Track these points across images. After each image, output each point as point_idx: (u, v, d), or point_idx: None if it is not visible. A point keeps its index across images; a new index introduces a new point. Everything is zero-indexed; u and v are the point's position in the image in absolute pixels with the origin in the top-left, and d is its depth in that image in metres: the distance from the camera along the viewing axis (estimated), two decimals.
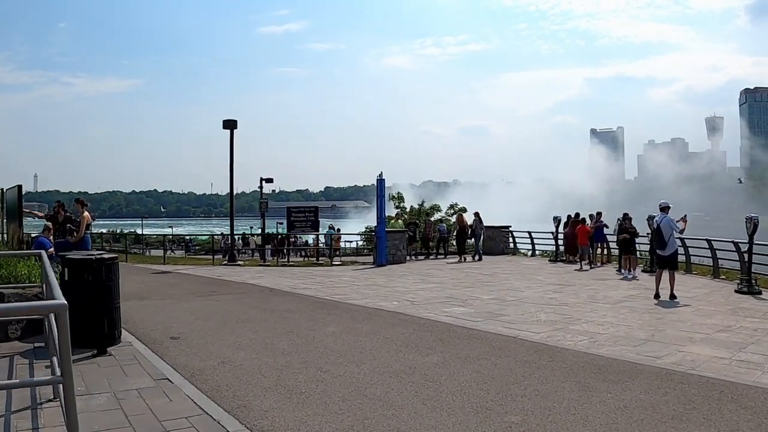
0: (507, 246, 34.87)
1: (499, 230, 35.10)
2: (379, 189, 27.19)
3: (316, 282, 19.86)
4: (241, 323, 12.17)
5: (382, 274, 22.99)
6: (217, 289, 17.71)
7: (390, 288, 18.18)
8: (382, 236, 27.12)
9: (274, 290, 17.57)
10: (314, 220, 28.97)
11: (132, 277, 21.00)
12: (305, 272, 23.58)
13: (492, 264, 27.57)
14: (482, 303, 15.10)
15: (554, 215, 30.23)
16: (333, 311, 13.69)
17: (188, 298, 15.99)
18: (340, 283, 19.46)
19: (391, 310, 13.80)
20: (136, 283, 19.24)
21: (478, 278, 21.18)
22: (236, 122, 26.80)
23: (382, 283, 19.67)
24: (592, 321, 12.60)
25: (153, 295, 16.51)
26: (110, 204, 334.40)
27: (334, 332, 11.22)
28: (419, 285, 19.07)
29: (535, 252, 33.20)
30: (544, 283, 19.79)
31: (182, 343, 10.38)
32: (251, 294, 16.79)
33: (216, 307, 14.24)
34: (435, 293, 16.97)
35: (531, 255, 33.00)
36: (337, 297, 16.02)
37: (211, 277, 21.27)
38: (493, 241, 34.44)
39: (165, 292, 17.19)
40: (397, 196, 49.00)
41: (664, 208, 16.59)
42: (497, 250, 33.91)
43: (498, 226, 35.63)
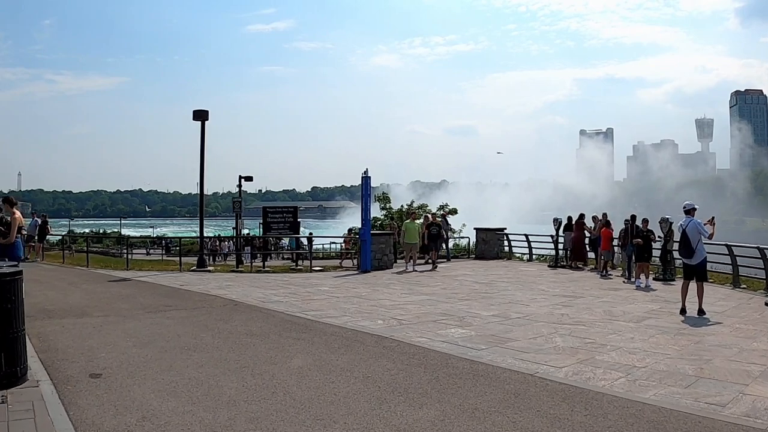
0: (502, 250, 32.57)
1: (494, 233, 32.80)
2: (365, 188, 24.76)
3: (291, 293, 17.45)
4: (186, 352, 9.72)
5: (366, 282, 20.62)
6: (173, 303, 15.24)
7: (374, 301, 15.78)
8: (367, 240, 24.70)
9: (239, 304, 15.11)
10: (293, 221, 26.44)
11: (84, 286, 18.91)
12: (280, 280, 21.18)
13: (487, 270, 25.29)
14: (483, 322, 12.76)
15: (554, 217, 28.16)
16: (304, 334, 11.24)
17: (136, 314, 13.50)
18: (318, 295, 17.05)
19: (375, 333, 11.37)
20: (84, 293, 17.06)
21: (473, 288, 18.88)
22: (207, 113, 24.36)
23: (366, 294, 17.29)
24: (621, 347, 10.36)
25: (96, 310, 14.05)
26: (94, 203, 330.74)
27: (300, 368, 8.77)
28: (407, 297, 16.72)
29: (532, 257, 30.93)
30: (550, 294, 17.58)
31: (103, 383, 7.98)
32: (211, 309, 14.32)
33: (163, 329, 11.77)
34: (426, 308, 14.62)
35: (528, 260, 30.73)
36: (311, 314, 13.58)
37: (172, 286, 18.78)
38: (487, 244, 32.25)
39: (112, 306, 14.70)
40: (382, 197, 46.82)
41: (689, 210, 14.37)
42: (491, 254, 31.71)
43: (492, 228, 33.37)
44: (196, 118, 24.15)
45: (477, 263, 29.02)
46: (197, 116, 24.15)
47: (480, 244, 32.92)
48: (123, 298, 16.14)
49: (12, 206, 13.83)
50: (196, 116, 24.15)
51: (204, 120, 24.23)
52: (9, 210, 13.76)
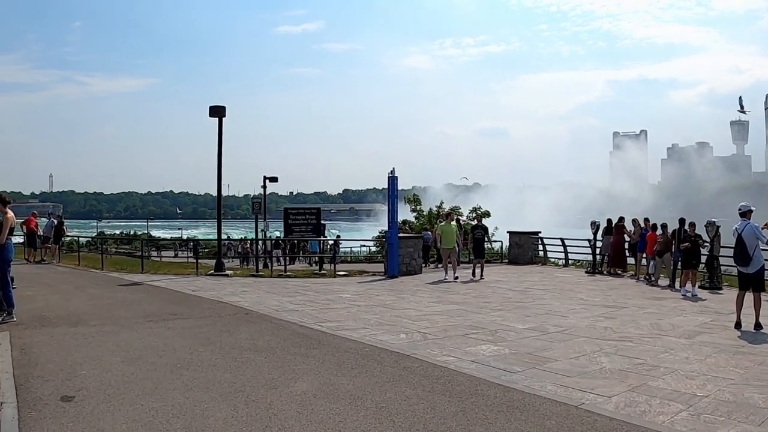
0: (536, 254, 31.13)
1: (528, 237, 31.35)
2: (391, 188, 23.44)
3: (309, 300, 16.20)
4: (178, 371, 8.48)
5: (391, 288, 19.34)
6: (179, 311, 14.04)
7: (398, 311, 14.46)
8: (394, 243, 23.39)
9: (250, 313, 13.85)
10: (316, 223, 25.17)
11: (91, 290, 17.87)
12: (301, 286, 19.94)
13: (521, 275, 23.90)
14: (518, 337, 11.40)
15: (592, 220, 26.62)
16: (314, 350, 9.94)
17: (135, 323, 12.32)
18: (338, 303, 15.79)
19: (395, 350, 10.02)
20: (88, 299, 15.99)
21: (507, 296, 17.55)
22: (224, 109, 23.14)
23: (390, 302, 15.99)
24: (676, 370, 8.95)
25: (94, 318, 12.91)
26: (125, 205, 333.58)
27: (303, 393, 7.47)
28: (435, 306, 15.40)
29: (568, 262, 29.45)
30: (589, 303, 16.19)
31: (72, 408, 6.82)
32: (218, 319, 13.08)
33: (160, 341, 10.55)
34: (455, 320, 13.28)
35: (564, 265, 29.26)
36: (326, 325, 12.27)
37: (183, 292, 17.60)
38: (520, 248, 30.86)
39: (112, 313, 13.55)
40: (413, 198, 45.52)
41: (745, 212, 12.92)
42: (525, 259, 30.33)
43: (526, 232, 31.92)
44: (213, 115, 22.98)
45: (510, 268, 27.64)
46: (214, 112, 22.98)
47: (513, 248, 31.55)
48: (127, 304, 15.01)
49: (5, 205, 12.68)
50: (213, 113, 22.98)
51: (221, 116, 23.05)
52: (1, 209, 12.62)
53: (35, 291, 17.43)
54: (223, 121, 22.99)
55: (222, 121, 23.09)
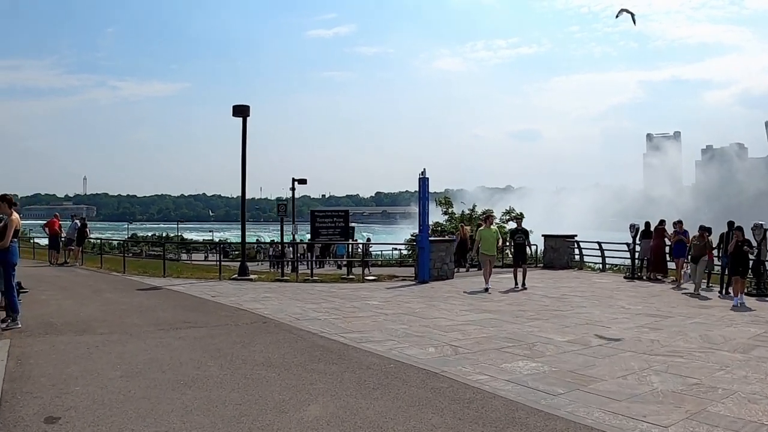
0: (572, 258, 29.94)
1: (564, 240, 30.16)
2: (422, 190, 22.48)
3: (333, 308, 15.28)
4: (180, 389, 7.62)
5: (422, 295, 18.37)
6: (194, 318, 13.22)
7: (428, 320, 13.48)
8: (425, 247, 22.41)
9: (269, 322, 12.97)
10: (344, 226, 24.24)
11: (107, 294, 17.23)
12: (326, 291, 19.04)
13: (557, 281, 22.83)
14: (557, 351, 10.39)
15: (631, 223, 25.47)
16: (333, 366, 9.02)
17: (145, 332, 11.52)
18: (364, 311, 14.86)
19: (423, 366, 9.06)
20: (101, 304, 15.30)
21: (544, 304, 16.49)
22: (248, 108, 22.28)
23: (419, 310, 15.01)
24: (736, 392, 7.95)
25: (103, 325, 12.17)
26: (158, 207, 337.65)
27: (316, 420, 6.55)
28: (467, 315, 14.39)
29: (605, 266, 28.28)
30: (632, 312, 15.10)
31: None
32: (234, 328, 12.22)
33: (167, 353, 9.71)
34: (489, 330, 12.28)
35: (601, 270, 28.09)
36: (350, 336, 11.35)
37: (201, 297, 16.82)
38: (556, 252, 29.67)
39: (123, 320, 12.81)
40: (444, 200, 44.51)
41: None
42: (561, 263, 29.14)
43: (562, 235, 30.73)
44: (237, 114, 22.15)
45: (545, 273, 26.52)
46: (238, 112, 22.15)
47: (548, 252, 30.37)
48: (141, 310, 14.24)
49: (10, 207, 11.95)
50: (237, 112, 22.14)
51: (245, 116, 22.20)
52: (5, 210, 11.88)
53: (50, 295, 16.81)
54: (251, 122, 22.24)
55: (246, 121, 22.28)
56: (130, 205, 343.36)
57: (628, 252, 25.60)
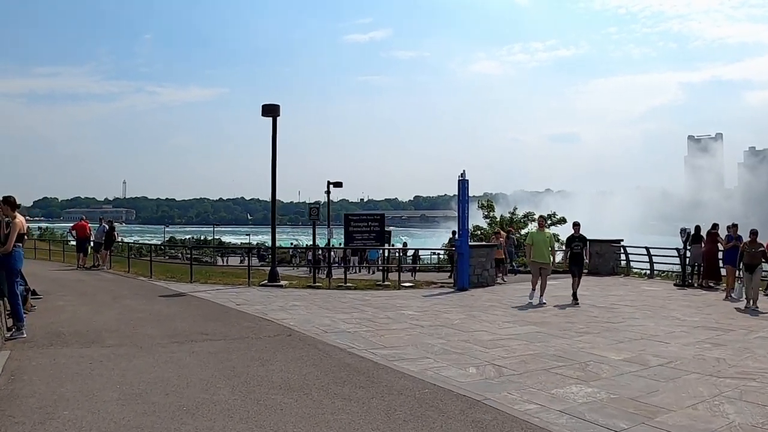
0: (618, 264, 28.50)
1: (609, 245, 28.72)
2: (461, 192, 21.28)
3: (366, 318, 14.15)
4: (180, 418, 6.57)
5: (461, 304, 17.20)
6: (213, 330, 12.16)
7: (467, 334, 12.26)
8: (465, 252, 21.20)
9: (294, 334, 11.86)
10: (379, 230, 23.07)
11: (127, 301, 16.36)
12: (359, 299, 17.94)
13: (604, 289, 21.50)
14: (614, 372, 9.14)
15: (681, 227, 24.00)
16: (359, 391, 7.86)
17: (158, 345, 10.52)
18: (398, 322, 13.70)
19: (462, 392, 7.86)
20: (119, 312, 14.41)
21: (592, 315, 15.23)
22: (278, 108, 21.28)
23: (458, 322, 13.80)
24: None
25: (114, 336, 11.26)
26: (197, 211, 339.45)
27: None
28: (511, 327, 13.18)
29: (654, 273, 26.79)
30: (689, 325, 13.79)
31: None
32: (254, 341, 11.12)
33: (176, 371, 8.66)
34: (535, 346, 11.05)
35: (648, 276, 26.62)
36: (381, 353, 10.20)
37: (226, 306, 15.79)
38: (601, 258, 28.23)
39: (137, 331, 11.83)
40: (486, 204, 43.18)
41: None
42: (607, 270, 27.75)
43: (608, 239, 29.28)
44: (266, 114, 21.11)
45: (590, 280, 25.09)
46: (267, 111, 21.10)
47: (593, 257, 28.85)
48: (158, 320, 13.27)
49: (13, 209, 11.05)
50: (266, 111, 21.10)
51: (275, 116, 21.16)
52: (9, 213, 10.98)
53: (68, 301, 16.05)
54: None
55: (276, 120, 21.25)
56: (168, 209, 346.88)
57: (678, 258, 24.16)
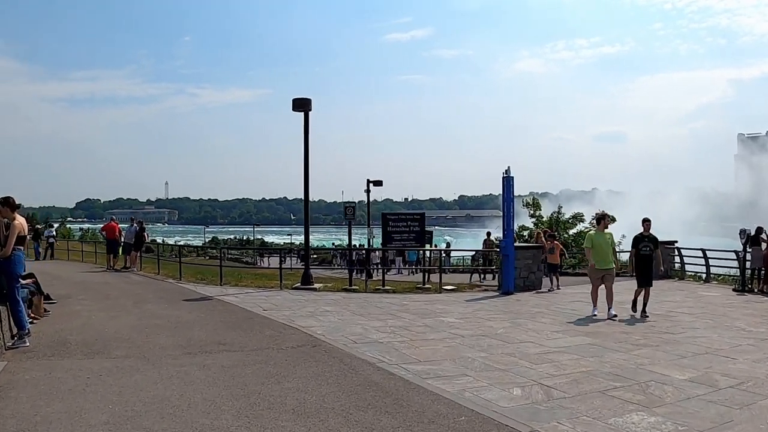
0: (672, 267, 26.93)
1: (663, 246, 27.10)
2: (506, 190, 20.01)
3: (401, 326, 12.97)
4: None
5: (505, 310, 15.97)
6: (232, 339, 11.09)
7: (512, 345, 11.02)
8: (510, 254, 19.93)
9: (319, 345, 10.74)
10: (419, 231, 21.84)
11: (148, 306, 15.50)
12: (397, 304, 16.76)
13: (659, 294, 19.91)
14: (679, 396, 7.83)
15: (741, 227, 22.43)
16: (386, 416, 6.70)
17: (165, 358, 9.50)
18: (436, 331, 12.47)
19: (506, 421, 6.65)
20: (136, 318, 13.49)
21: (649, 324, 13.93)
22: (310, 102, 20.18)
23: (503, 331, 12.55)
24: None
25: (123, 346, 10.33)
26: (240, 211, 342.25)
27: None
28: (560, 338, 11.90)
29: (709, 276, 25.20)
30: (756, 337, 12.32)
31: None
32: (274, 354, 10.01)
33: (178, 389, 7.61)
34: (588, 361, 9.79)
35: (704, 281, 25.04)
36: (414, 368, 9.01)
37: (251, 311, 14.71)
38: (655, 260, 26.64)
39: (149, 340, 10.87)
40: (532, 203, 41.66)
41: None
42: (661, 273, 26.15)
43: (661, 241, 27.66)
44: (297, 109, 19.93)
45: None
46: (298, 106, 19.93)
47: None
48: (176, 327, 12.30)
49: (13, 210, 10.14)
50: (297, 106, 19.93)
51: (306, 110, 20.01)
52: (8, 215, 10.07)
53: (86, 306, 15.24)
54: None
55: (308, 115, 20.10)
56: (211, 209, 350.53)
57: (737, 261, 22.59)
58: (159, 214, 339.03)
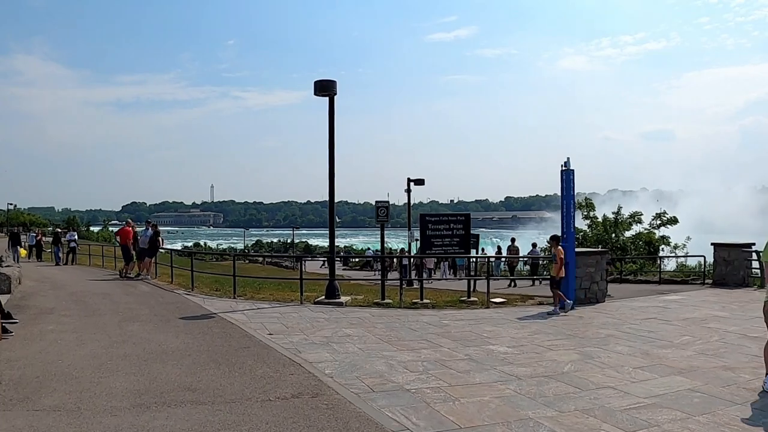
0: (749, 273, 23.60)
1: (740, 250, 23.83)
2: (566, 186, 16.98)
3: (438, 359, 10.10)
4: None
5: (568, 332, 13.02)
6: (209, 382, 8.28)
7: (587, 393, 8.05)
8: (571, 261, 16.91)
9: (323, 393, 7.85)
10: (463, 234, 18.76)
11: (134, 326, 12.92)
12: (435, 324, 13.92)
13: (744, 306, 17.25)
14: None
15: None
16: None
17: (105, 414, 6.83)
18: (483, 368, 9.50)
19: None
20: (108, 345, 10.89)
21: (749, 352, 10.88)
22: (334, 84, 17.19)
23: (570, 368, 9.56)
24: None
25: (60, 389, 7.75)
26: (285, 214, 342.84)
27: None
28: (649, 380, 8.83)
29: None
30: None
31: None
32: (258, 409, 7.15)
33: None
34: (698, 422, 6.86)
35: None
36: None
37: (252, 337, 11.83)
38: (729, 266, 23.46)
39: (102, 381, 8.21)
40: (585, 203, 38.46)
41: None
42: (736, 280, 22.98)
43: (737, 244, 24.41)
44: (320, 93, 16.89)
45: (720, 294, 20.46)
46: (321, 89, 16.89)
47: (720, 265, 24.09)
48: (146, 361, 9.56)
49: None
50: (320, 89, 16.88)
51: (332, 94, 17.09)
52: None
53: (62, 325, 12.90)
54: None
55: (333, 100, 17.23)
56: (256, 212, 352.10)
57: None
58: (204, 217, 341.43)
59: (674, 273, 29.54)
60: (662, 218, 37.37)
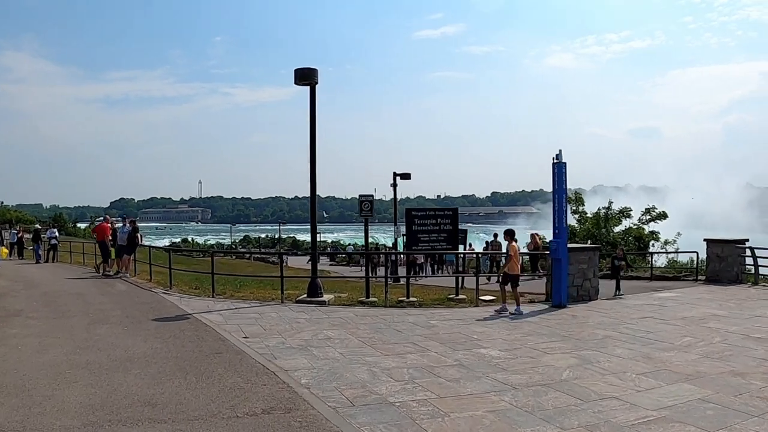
0: (743, 270, 22.98)
1: (734, 246, 23.20)
2: (558, 179, 16.24)
3: (425, 365, 9.39)
4: None
5: (563, 333, 12.35)
6: (171, 395, 7.51)
7: (590, 407, 7.29)
8: (563, 258, 16.22)
9: (298, 408, 7.06)
10: (451, 230, 18.02)
11: (101, 329, 12.14)
12: (422, 324, 13.21)
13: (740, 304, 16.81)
14: None
15: None
16: None
17: None
18: (474, 376, 8.76)
19: None
20: (71, 350, 10.15)
21: (754, 354, 10.24)
22: (316, 72, 16.43)
23: (568, 374, 8.87)
24: None
25: (10, 402, 7.03)
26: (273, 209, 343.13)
27: None
28: (654, 386, 8.21)
29: None
30: None
31: None
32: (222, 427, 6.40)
33: None
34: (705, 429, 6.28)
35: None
36: None
37: (227, 340, 11.09)
38: (723, 262, 22.85)
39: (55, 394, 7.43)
40: (575, 198, 37.73)
41: None
42: (729, 276, 22.38)
43: (731, 240, 23.80)
44: (300, 81, 16.16)
45: (714, 291, 19.87)
46: (302, 78, 16.23)
47: (713, 261, 23.45)
48: (107, 369, 8.80)
49: None
50: (300, 78, 16.22)
51: (313, 83, 16.33)
52: None
53: (26, 328, 12.18)
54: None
55: (314, 88, 16.43)
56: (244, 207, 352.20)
57: None
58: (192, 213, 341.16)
59: (665, 269, 28.93)
60: (651, 213, 36.72)
